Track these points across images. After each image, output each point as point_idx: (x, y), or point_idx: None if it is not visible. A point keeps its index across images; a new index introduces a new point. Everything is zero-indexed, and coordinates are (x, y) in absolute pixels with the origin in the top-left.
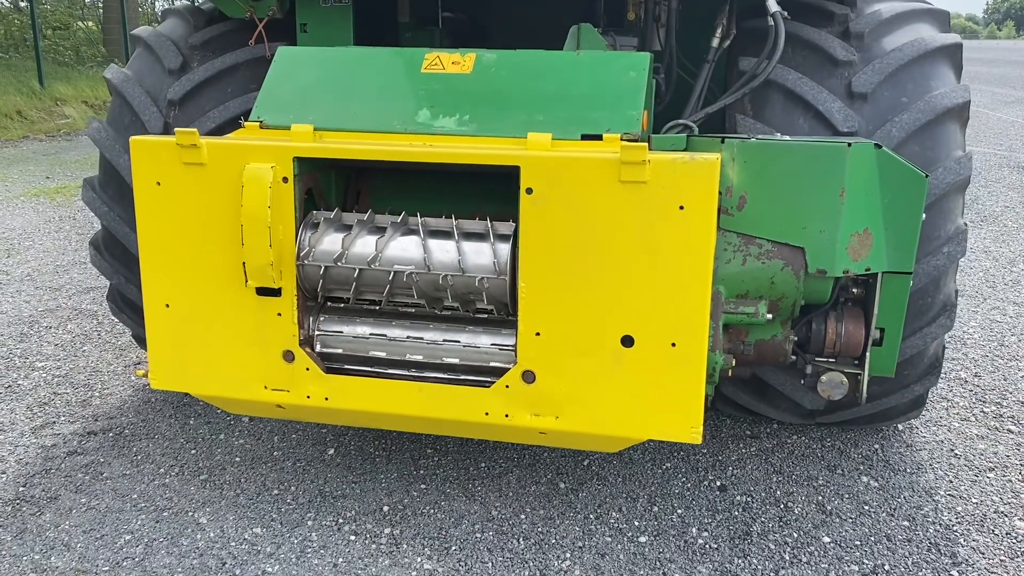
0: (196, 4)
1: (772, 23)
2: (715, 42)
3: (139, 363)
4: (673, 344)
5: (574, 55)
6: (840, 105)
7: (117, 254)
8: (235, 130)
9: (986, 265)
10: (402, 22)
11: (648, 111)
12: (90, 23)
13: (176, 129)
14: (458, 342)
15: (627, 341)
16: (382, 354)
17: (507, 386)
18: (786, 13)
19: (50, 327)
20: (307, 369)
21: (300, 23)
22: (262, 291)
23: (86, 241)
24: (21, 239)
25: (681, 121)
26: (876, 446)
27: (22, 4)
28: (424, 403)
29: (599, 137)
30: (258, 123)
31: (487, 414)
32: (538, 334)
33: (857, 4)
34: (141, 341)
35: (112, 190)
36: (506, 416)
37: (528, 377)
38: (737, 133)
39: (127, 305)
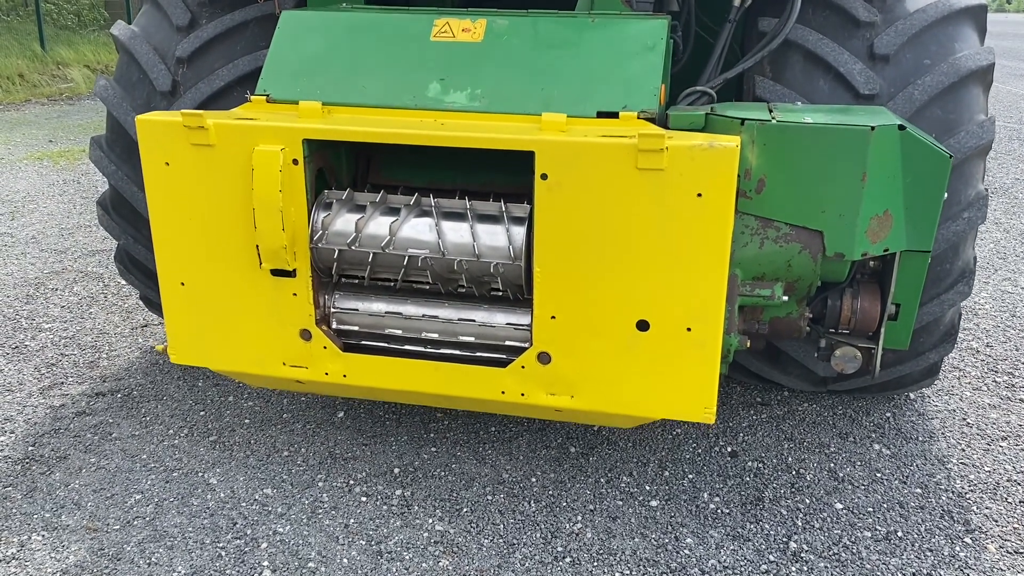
0: None
1: None
2: (736, 1)
3: (146, 325)
4: (688, 329)
5: (588, 21)
6: (861, 67)
7: (125, 214)
8: (243, 103)
9: (997, 236)
10: None
11: (665, 84)
12: None
13: (182, 112)
14: (473, 320)
15: (642, 325)
16: (398, 331)
17: (523, 367)
18: None
19: (56, 289)
20: (324, 347)
21: None
22: (277, 272)
23: (90, 204)
24: (25, 202)
25: (699, 88)
26: (888, 414)
27: None
28: (441, 381)
29: (615, 115)
30: (265, 97)
31: (503, 393)
32: (553, 317)
33: None
34: (149, 302)
35: (120, 149)
36: (522, 395)
37: (543, 358)
38: (756, 95)
39: (135, 266)
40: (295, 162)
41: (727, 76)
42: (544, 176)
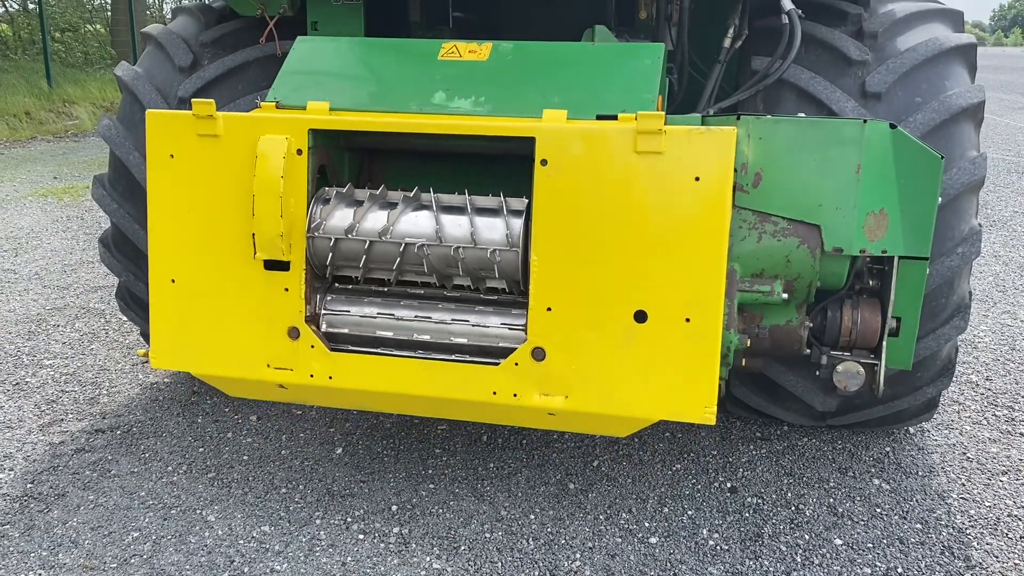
0: (207, 2)
1: (787, 21)
2: (727, 42)
3: (147, 361)
4: (687, 320)
5: (590, 45)
6: (854, 105)
7: (126, 251)
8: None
9: (996, 269)
10: (412, 21)
11: (663, 96)
12: (98, 26)
13: (193, 100)
14: (467, 322)
15: (640, 316)
16: (389, 334)
17: (516, 364)
18: (801, 12)
19: (58, 325)
20: (312, 347)
21: (311, 21)
22: (270, 265)
23: (93, 241)
24: (29, 238)
25: (694, 115)
26: (887, 449)
27: (31, 6)
28: (430, 382)
29: (614, 118)
30: (274, 103)
31: (495, 393)
32: (549, 309)
33: (871, 3)
34: (149, 338)
35: (122, 187)
36: (514, 396)
37: (538, 354)
38: None
39: (135, 303)
40: (299, 152)
41: (721, 106)
42: (544, 162)
